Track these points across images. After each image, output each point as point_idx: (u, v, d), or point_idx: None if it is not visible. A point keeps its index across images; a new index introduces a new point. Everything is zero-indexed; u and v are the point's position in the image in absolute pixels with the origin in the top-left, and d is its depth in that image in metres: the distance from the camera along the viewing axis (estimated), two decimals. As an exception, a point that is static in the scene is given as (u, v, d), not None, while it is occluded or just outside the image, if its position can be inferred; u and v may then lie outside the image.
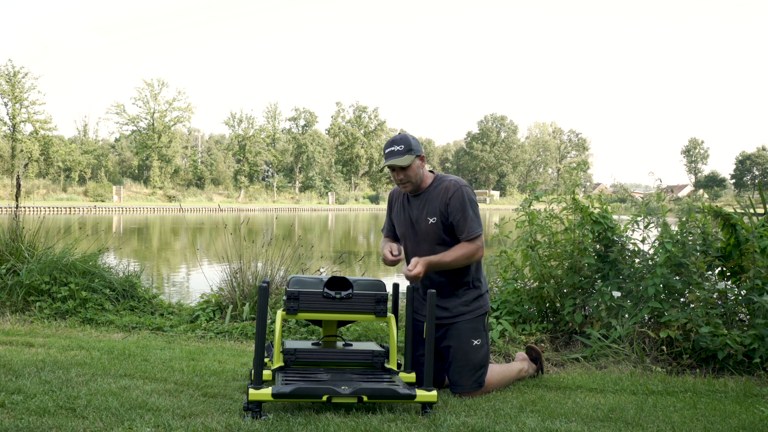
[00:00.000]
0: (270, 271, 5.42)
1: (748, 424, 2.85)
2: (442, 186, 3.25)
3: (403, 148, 3.20)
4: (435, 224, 3.23)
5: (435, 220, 3.23)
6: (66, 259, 5.53)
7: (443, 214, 3.22)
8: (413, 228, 3.31)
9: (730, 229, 4.25)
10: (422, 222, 3.26)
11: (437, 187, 3.26)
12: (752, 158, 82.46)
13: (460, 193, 3.21)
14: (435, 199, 3.24)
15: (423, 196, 3.28)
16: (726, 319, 4.07)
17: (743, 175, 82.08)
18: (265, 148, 67.83)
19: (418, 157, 3.23)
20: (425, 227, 3.25)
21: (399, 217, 3.39)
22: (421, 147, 3.27)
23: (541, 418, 2.87)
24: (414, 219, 3.29)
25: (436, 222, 3.23)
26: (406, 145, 3.21)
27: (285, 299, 3.18)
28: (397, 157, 3.19)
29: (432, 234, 3.25)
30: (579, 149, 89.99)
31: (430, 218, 3.24)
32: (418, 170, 3.25)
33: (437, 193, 3.25)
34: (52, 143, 55.32)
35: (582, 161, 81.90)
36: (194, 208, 46.63)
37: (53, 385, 3.11)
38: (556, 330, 4.49)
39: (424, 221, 3.25)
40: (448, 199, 3.20)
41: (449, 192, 3.21)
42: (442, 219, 3.22)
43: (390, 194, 3.51)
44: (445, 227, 3.23)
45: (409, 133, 3.30)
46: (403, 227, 3.36)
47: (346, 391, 2.81)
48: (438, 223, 3.23)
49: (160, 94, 60.75)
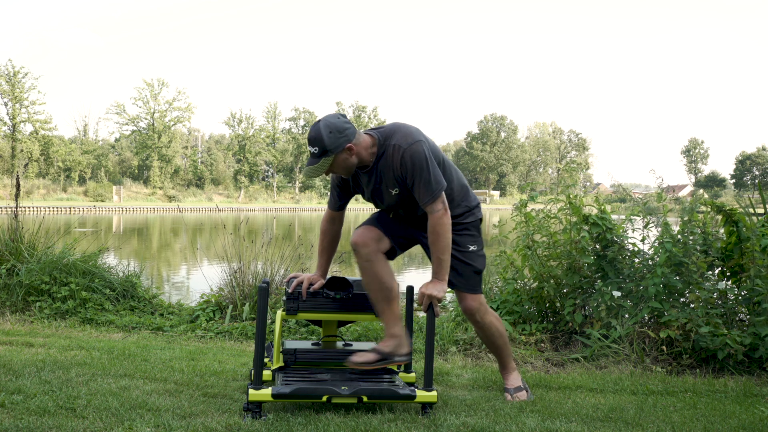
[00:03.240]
0: (270, 271, 5.42)
1: (748, 424, 2.85)
2: (388, 152, 2.85)
3: (318, 151, 2.77)
4: (400, 193, 2.92)
5: (397, 190, 2.91)
6: (66, 259, 5.53)
7: (401, 180, 2.87)
8: (378, 199, 3.02)
9: (732, 227, 4.25)
10: (385, 194, 2.96)
11: (384, 154, 2.87)
12: (752, 158, 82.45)
13: (408, 155, 2.80)
14: (386, 168, 2.88)
15: (372, 169, 2.92)
16: (726, 319, 4.07)
17: (743, 175, 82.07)
18: (265, 148, 67.83)
19: (342, 152, 2.80)
20: (391, 198, 2.96)
21: (356, 190, 3.08)
22: (347, 131, 2.78)
23: (541, 418, 2.87)
24: (374, 192, 2.99)
25: (399, 191, 2.91)
26: (320, 145, 2.76)
27: (285, 299, 3.18)
28: (313, 164, 2.80)
29: (402, 201, 2.95)
30: (579, 149, 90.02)
31: (392, 190, 2.92)
32: (348, 161, 2.83)
33: (385, 162, 2.87)
34: (52, 143, 55.33)
35: (576, 161, 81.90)
36: (194, 208, 46.61)
37: (53, 385, 3.11)
38: (556, 330, 4.49)
39: (387, 193, 2.94)
40: (398, 169, 2.84)
41: (396, 157, 2.82)
42: (404, 186, 2.89)
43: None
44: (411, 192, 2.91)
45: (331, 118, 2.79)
46: (367, 197, 3.07)
47: (346, 392, 2.81)
48: (402, 191, 2.90)
49: (160, 94, 60.80)
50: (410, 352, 3.09)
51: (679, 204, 4.54)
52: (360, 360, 2.96)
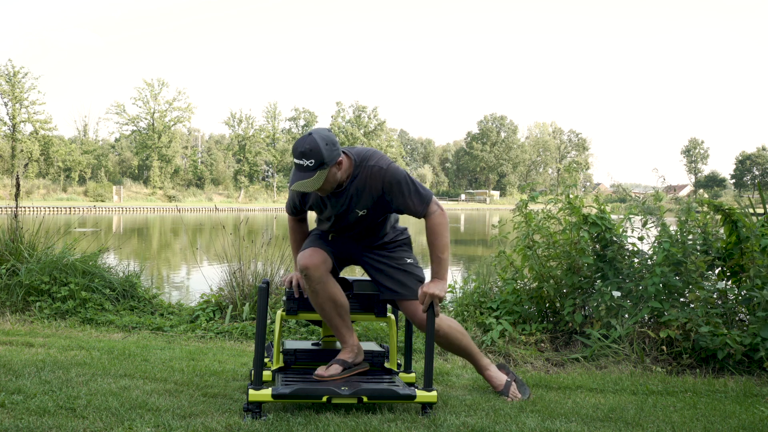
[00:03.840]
0: (270, 271, 5.42)
1: (748, 424, 2.85)
2: (365, 174, 2.90)
3: (313, 164, 2.73)
4: (365, 216, 3.00)
5: (365, 212, 2.98)
6: (66, 259, 5.53)
7: (375, 202, 2.95)
8: (338, 219, 3.05)
9: (731, 226, 4.25)
10: (350, 215, 3.00)
11: (359, 176, 2.91)
12: (752, 158, 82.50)
13: (390, 176, 2.88)
14: (362, 190, 2.92)
15: (346, 191, 2.94)
16: (726, 319, 4.07)
17: (743, 175, 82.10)
18: (265, 148, 67.85)
19: (334, 165, 2.81)
20: (354, 219, 3.02)
21: (319, 209, 3.10)
22: (338, 145, 2.81)
23: (541, 418, 2.87)
24: (338, 213, 3.02)
25: (366, 214, 2.99)
26: (316, 158, 2.72)
27: (285, 299, 3.18)
28: (307, 177, 2.74)
29: (362, 222, 3.04)
30: (579, 149, 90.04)
31: (360, 211, 2.98)
32: (335, 175, 2.83)
33: (362, 183, 2.91)
34: (52, 143, 55.35)
35: (576, 161, 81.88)
36: (193, 208, 46.60)
37: (53, 385, 3.11)
38: (556, 330, 4.49)
39: (353, 214, 2.99)
40: (382, 187, 2.90)
41: (377, 180, 2.89)
42: (374, 208, 2.97)
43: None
44: (377, 214, 3.01)
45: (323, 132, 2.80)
46: (326, 216, 3.09)
47: (346, 392, 2.81)
48: (369, 213, 3.00)
49: (160, 94, 60.85)
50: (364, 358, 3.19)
51: (678, 204, 4.54)
52: (328, 374, 3.00)
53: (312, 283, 2.97)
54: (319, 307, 3.04)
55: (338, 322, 3.07)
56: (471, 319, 4.66)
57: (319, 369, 3.03)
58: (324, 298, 3.00)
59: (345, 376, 3.04)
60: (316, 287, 2.98)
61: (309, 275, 2.96)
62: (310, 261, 2.96)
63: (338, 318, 3.06)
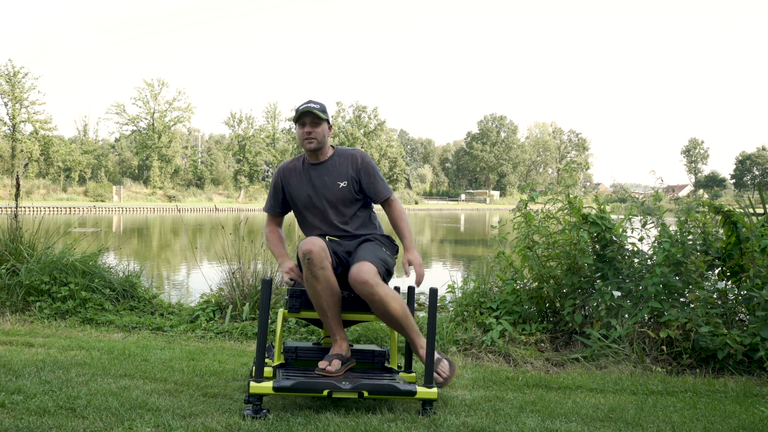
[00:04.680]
0: (270, 270, 5.42)
1: (748, 424, 2.85)
2: (347, 154, 3.36)
3: (320, 107, 3.30)
4: (346, 188, 3.28)
5: (346, 184, 3.29)
6: (66, 259, 5.53)
7: (354, 179, 3.30)
8: (319, 195, 3.29)
9: (731, 227, 4.25)
10: (332, 187, 3.28)
11: (341, 156, 3.35)
12: (752, 158, 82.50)
13: (367, 160, 3.34)
14: (341, 165, 3.32)
15: (326, 164, 3.33)
16: (726, 319, 4.07)
17: (743, 175, 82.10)
18: (265, 148, 67.83)
19: (328, 123, 3.33)
20: (335, 191, 3.28)
21: (300, 189, 3.34)
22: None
23: (541, 418, 2.87)
24: (320, 186, 3.29)
25: (347, 186, 3.28)
26: (322, 106, 3.32)
27: (287, 297, 3.19)
28: (314, 108, 3.25)
29: (342, 197, 3.28)
30: (579, 149, 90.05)
31: (341, 182, 3.29)
32: (326, 134, 3.32)
33: (343, 161, 3.33)
34: (52, 143, 55.33)
35: (576, 161, 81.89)
36: (193, 208, 46.61)
37: (53, 385, 3.11)
38: (556, 330, 4.49)
39: (334, 186, 3.28)
40: (359, 165, 3.31)
41: (357, 159, 3.33)
42: (353, 183, 3.29)
43: (279, 171, 3.43)
44: (354, 190, 3.29)
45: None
46: (305, 198, 3.32)
47: (347, 386, 2.81)
48: (349, 186, 3.28)
49: (160, 94, 60.80)
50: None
51: (678, 204, 4.54)
52: (333, 369, 3.00)
53: (314, 268, 2.98)
54: (316, 295, 3.03)
55: (333, 312, 3.08)
56: (471, 319, 4.66)
57: (321, 363, 3.02)
58: (324, 284, 3.00)
59: (344, 370, 3.06)
60: (317, 272, 2.98)
61: (312, 259, 2.97)
62: (313, 246, 2.99)
63: (334, 308, 3.08)
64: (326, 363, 3.01)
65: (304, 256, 2.99)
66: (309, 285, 3.03)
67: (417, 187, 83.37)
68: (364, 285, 2.97)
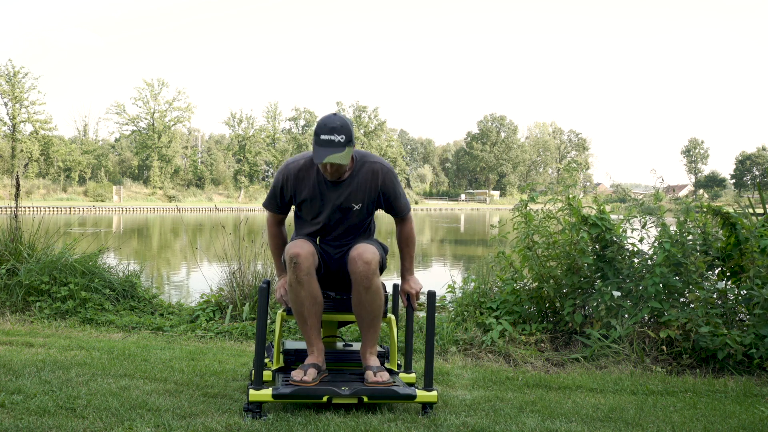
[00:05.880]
0: (270, 270, 5.42)
1: (748, 424, 2.85)
2: (369, 170, 3.03)
3: (345, 140, 2.82)
4: (359, 210, 3.05)
5: (360, 206, 3.04)
6: (65, 259, 5.53)
7: (372, 200, 3.06)
8: (330, 213, 3.05)
9: (730, 228, 4.25)
10: (345, 210, 3.04)
11: (361, 171, 3.03)
12: (752, 158, 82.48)
13: (390, 178, 3.06)
14: (363, 184, 3.03)
15: (346, 183, 3.01)
16: (726, 319, 4.07)
17: (743, 175, 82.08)
18: (265, 148, 67.82)
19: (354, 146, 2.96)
20: (347, 213, 3.06)
21: (311, 204, 3.07)
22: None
23: (541, 418, 2.87)
24: (334, 206, 3.03)
25: (360, 208, 3.05)
26: (347, 135, 2.84)
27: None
28: (338, 152, 2.81)
29: (352, 218, 3.08)
30: (579, 149, 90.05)
31: (355, 205, 3.04)
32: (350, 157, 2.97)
33: (364, 178, 3.02)
34: (52, 143, 55.30)
35: (576, 161, 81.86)
36: (193, 208, 46.61)
37: (53, 385, 3.11)
38: (556, 330, 4.49)
39: (348, 208, 3.04)
40: (380, 184, 3.04)
41: (378, 178, 3.04)
42: (369, 204, 3.06)
43: (287, 175, 3.06)
44: (367, 211, 3.09)
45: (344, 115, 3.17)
46: (314, 212, 3.08)
47: (347, 392, 2.81)
48: (362, 208, 3.06)
49: (160, 94, 60.77)
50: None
51: (678, 204, 4.54)
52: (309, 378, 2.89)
53: (300, 273, 2.89)
54: (298, 302, 2.94)
55: (313, 320, 2.98)
56: (471, 319, 4.66)
57: (295, 373, 2.91)
58: (308, 291, 2.92)
59: (319, 380, 2.96)
60: (302, 278, 2.90)
61: (299, 263, 2.89)
62: (302, 250, 2.91)
63: (314, 317, 2.98)
64: (301, 373, 2.91)
65: (291, 259, 2.90)
66: (292, 290, 2.93)
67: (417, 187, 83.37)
68: (367, 265, 2.90)
